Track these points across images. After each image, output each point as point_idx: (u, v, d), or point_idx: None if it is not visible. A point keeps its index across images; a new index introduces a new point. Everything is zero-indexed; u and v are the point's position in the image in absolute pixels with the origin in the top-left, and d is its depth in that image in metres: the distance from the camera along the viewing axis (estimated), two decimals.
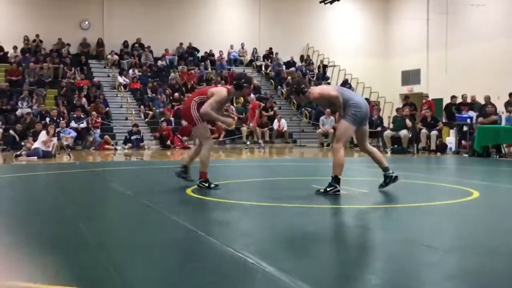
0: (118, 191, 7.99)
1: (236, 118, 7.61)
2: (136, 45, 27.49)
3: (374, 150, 7.41)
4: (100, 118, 21.07)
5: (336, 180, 6.89)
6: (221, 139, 21.17)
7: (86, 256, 4.02)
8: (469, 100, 18.99)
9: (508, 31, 23.80)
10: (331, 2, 19.51)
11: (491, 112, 16.62)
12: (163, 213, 5.78)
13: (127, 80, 25.03)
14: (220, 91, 7.60)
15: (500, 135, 14.55)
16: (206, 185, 7.58)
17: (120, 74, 25.34)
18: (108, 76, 25.96)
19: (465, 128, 17.12)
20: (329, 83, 27.97)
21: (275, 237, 4.75)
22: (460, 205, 6.51)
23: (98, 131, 20.41)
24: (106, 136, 20.07)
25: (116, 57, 26.59)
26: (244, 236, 4.72)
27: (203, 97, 7.58)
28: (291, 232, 4.86)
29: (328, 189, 6.91)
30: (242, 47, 29.47)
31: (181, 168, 8.08)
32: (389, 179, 7.15)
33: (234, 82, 7.70)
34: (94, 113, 20.85)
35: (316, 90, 7.18)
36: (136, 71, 25.83)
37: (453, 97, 19.51)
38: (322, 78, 28.41)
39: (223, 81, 25.77)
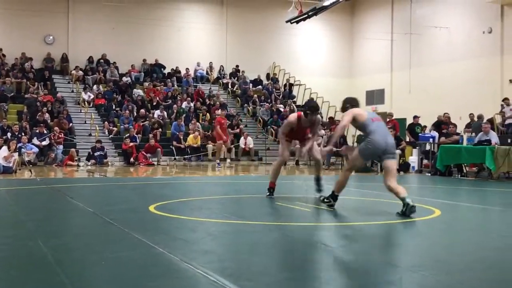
0: (79, 208, 7.85)
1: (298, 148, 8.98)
2: (101, 60, 27.26)
3: (394, 187, 7.04)
4: (63, 134, 20.75)
5: (332, 195, 7.31)
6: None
7: (43, 272, 3.92)
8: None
9: (470, 53, 24.36)
10: (297, 22, 19.67)
11: (453, 132, 16.91)
12: (123, 230, 5.69)
13: (92, 95, 24.77)
14: (290, 116, 8.88)
15: (461, 155, 14.80)
16: (268, 193, 8.56)
17: (85, 89, 25.07)
18: (72, 91, 25.65)
19: (427, 147, 17.38)
20: (294, 102, 28.19)
21: (237, 254, 4.72)
22: (422, 223, 6.58)
23: (61, 147, 20.08)
24: (72, 150, 19.76)
25: (80, 72, 26.30)
26: (206, 253, 4.67)
27: None
28: (253, 250, 4.83)
29: (326, 200, 7.40)
30: (210, 66, 29.49)
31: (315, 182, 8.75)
32: (405, 208, 6.81)
33: (303, 110, 8.58)
34: (56, 128, 20.52)
35: (350, 110, 7.33)
36: (100, 87, 25.59)
37: (415, 117, 19.86)
38: (288, 96, 28.59)
39: (189, 98, 25.73)
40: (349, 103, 7.51)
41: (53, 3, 26.75)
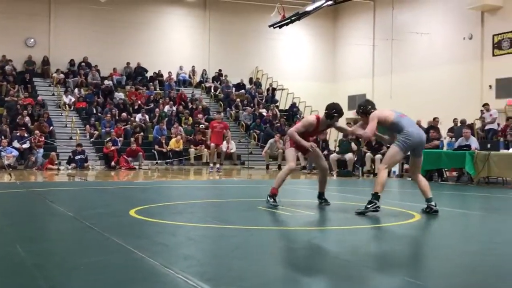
0: (59, 212, 7.78)
1: (313, 148, 8.16)
2: (83, 64, 27.10)
3: (422, 180, 7.68)
4: (43, 137, 20.58)
5: (376, 197, 7.15)
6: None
7: (21, 277, 3.88)
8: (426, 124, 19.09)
9: (451, 59, 24.62)
10: (280, 27, 19.67)
11: (434, 137, 17.04)
12: (103, 234, 5.64)
13: (73, 99, 24.60)
14: (308, 117, 8.45)
15: (442, 160, 14.91)
16: (271, 200, 8.01)
17: (66, 93, 24.89)
18: (53, 94, 25.47)
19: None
20: (277, 106, 28.24)
21: (217, 259, 4.71)
22: (401, 227, 6.61)
23: (41, 150, 19.91)
24: (52, 154, 19.59)
25: (61, 75, 26.14)
26: (187, 258, 4.65)
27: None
28: (234, 254, 4.82)
29: (368, 206, 7.14)
30: (193, 70, 29.46)
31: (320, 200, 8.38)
32: (429, 209, 7.48)
33: (326, 111, 8.09)
34: (37, 132, 20.36)
35: (376, 113, 7.39)
36: (82, 90, 25.44)
37: None
38: (271, 101, 28.64)
39: (171, 102, 25.66)
40: (371, 106, 7.57)
41: (34, 6, 26.57)
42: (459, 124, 18.21)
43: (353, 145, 17.72)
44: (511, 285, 3.95)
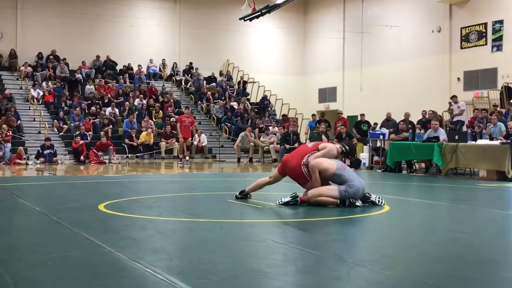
0: (27, 207, 7.67)
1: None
2: (51, 57, 26.71)
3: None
4: (11, 132, 20.25)
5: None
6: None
7: None
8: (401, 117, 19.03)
9: (420, 52, 24.89)
10: (250, 20, 19.67)
11: (403, 129, 17.22)
12: (71, 229, 5.58)
13: (41, 92, 24.24)
14: (332, 149, 7.79)
15: (411, 152, 15.09)
16: (239, 195, 8.03)
17: (34, 86, 24.51)
18: (21, 88, 25.07)
19: (378, 144, 17.66)
20: (248, 99, 28.24)
21: (186, 252, 4.70)
22: (371, 219, 6.68)
23: (9, 145, 19.58)
24: (20, 148, 19.27)
25: (29, 68, 25.72)
26: (156, 252, 4.62)
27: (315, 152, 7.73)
28: (203, 248, 4.81)
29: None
30: (163, 63, 29.27)
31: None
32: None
33: (345, 151, 8.06)
34: (4, 126, 20.01)
35: (315, 164, 7.50)
36: (50, 83, 25.08)
37: (362, 115, 20.43)
38: (242, 94, 28.61)
39: (141, 95, 25.43)
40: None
41: None
42: (427, 116, 18.39)
43: (323, 137, 17.81)
44: (475, 274, 4.01)
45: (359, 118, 20.85)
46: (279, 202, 7.41)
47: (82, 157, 19.63)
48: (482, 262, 4.40)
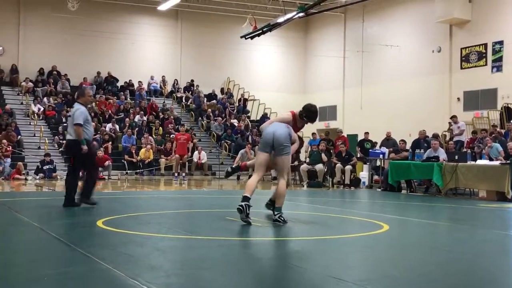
0: (25, 223, 7.63)
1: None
2: (54, 72, 26.80)
3: (281, 185, 7.48)
4: (11, 147, 20.25)
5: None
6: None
7: None
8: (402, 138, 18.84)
9: (420, 71, 24.97)
10: (252, 38, 19.77)
11: (403, 148, 17.22)
12: (69, 245, 5.55)
13: (41, 108, 24.28)
14: (283, 113, 8.36)
15: (410, 171, 15.08)
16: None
17: (34, 101, 24.55)
18: (22, 103, 25.12)
19: (378, 163, 17.65)
20: (248, 117, 28.28)
21: (185, 270, 4.66)
22: (370, 238, 6.65)
23: (9, 160, 19.57)
24: (19, 163, 19.25)
25: (30, 84, 25.80)
26: (152, 269, 4.59)
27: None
28: (201, 265, 4.78)
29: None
30: (163, 79, 29.35)
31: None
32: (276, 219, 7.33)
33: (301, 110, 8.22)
34: (4, 141, 20.01)
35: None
36: (51, 99, 25.13)
37: (366, 133, 20.27)
38: (242, 111, 28.66)
39: (142, 112, 25.48)
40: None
41: (3, 14, 26.24)
42: (430, 137, 18.34)
43: (323, 155, 17.80)
44: None
45: (363, 137, 20.75)
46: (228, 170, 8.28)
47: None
48: (483, 283, 4.37)
